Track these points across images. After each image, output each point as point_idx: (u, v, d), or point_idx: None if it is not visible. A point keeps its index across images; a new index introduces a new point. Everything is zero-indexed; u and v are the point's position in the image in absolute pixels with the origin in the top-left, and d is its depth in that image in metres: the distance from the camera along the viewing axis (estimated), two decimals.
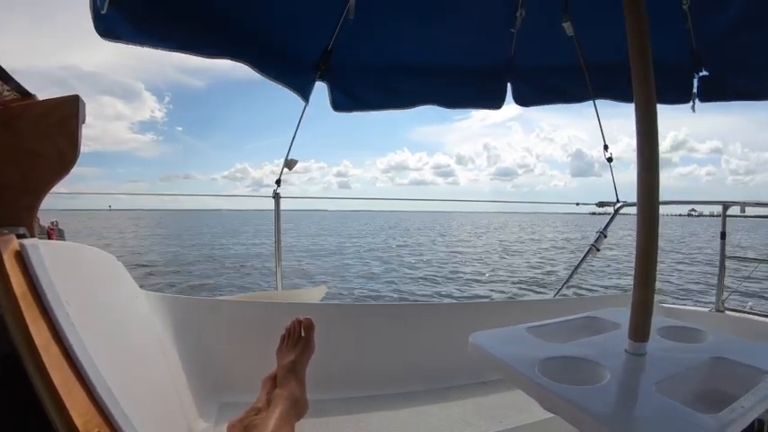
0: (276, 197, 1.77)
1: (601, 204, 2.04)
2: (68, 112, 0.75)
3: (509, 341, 0.83)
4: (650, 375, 0.67)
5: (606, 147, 1.92)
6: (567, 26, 1.54)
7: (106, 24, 1.05)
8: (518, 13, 1.56)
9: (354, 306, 2.06)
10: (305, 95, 1.63)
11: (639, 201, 0.73)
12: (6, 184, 0.74)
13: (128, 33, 1.10)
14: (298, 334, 1.11)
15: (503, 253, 18.19)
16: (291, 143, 1.79)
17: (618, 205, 1.96)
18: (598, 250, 1.95)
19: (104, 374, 0.61)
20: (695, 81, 1.73)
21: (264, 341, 1.12)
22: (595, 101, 1.80)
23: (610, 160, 1.95)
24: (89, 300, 0.79)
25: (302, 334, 1.11)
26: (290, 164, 1.79)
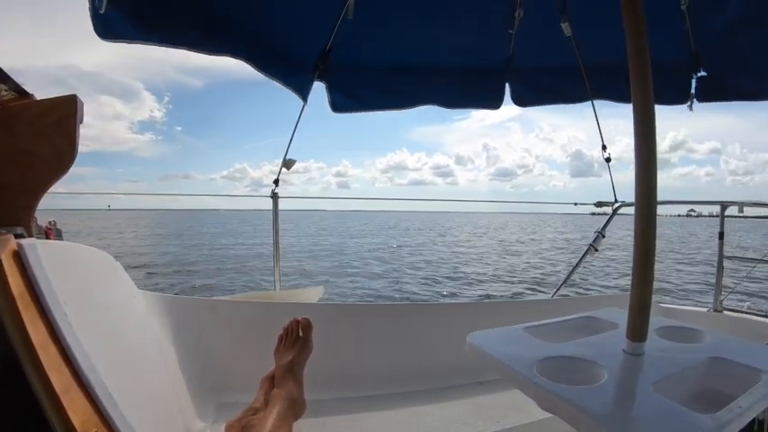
0: (274, 197, 1.77)
1: (599, 204, 2.04)
2: (66, 112, 0.75)
3: (507, 341, 0.83)
4: (648, 375, 0.67)
5: (604, 147, 1.92)
6: (565, 26, 1.54)
7: (105, 24, 1.05)
8: (516, 14, 1.55)
9: (352, 306, 2.05)
10: (303, 95, 1.63)
11: (637, 201, 0.73)
12: (4, 184, 0.74)
13: (127, 32, 1.10)
14: (295, 334, 1.11)
15: (503, 253, 18.21)
16: (290, 143, 1.79)
17: (616, 205, 1.96)
18: (596, 250, 1.95)
19: (102, 374, 0.61)
20: (693, 81, 1.73)
21: (262, 341, 1.12)
22: (594, 101, 1.80)
23: (608, 160, 1.95)
24: (87, 299, 0.79)
25: (300, 334, 1.11)
26: (289, 164, 1.79)
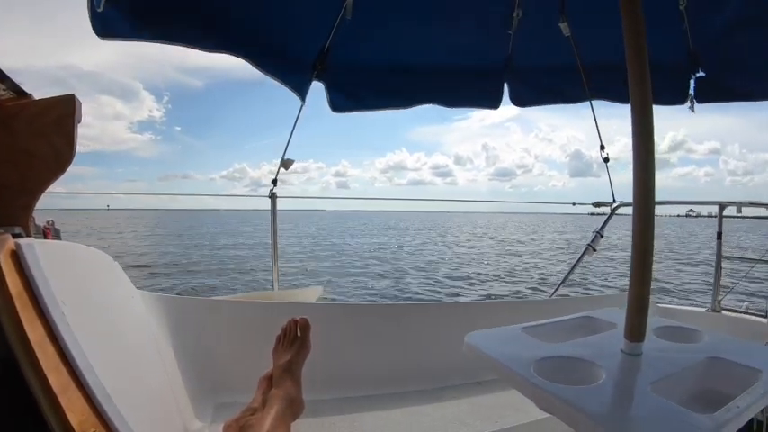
0: (273, 197, 1.77)
1: (597, 204, 2.04)
2: (64, 112, 0.75)
3: (504, 341, 0.83)
4: (646, 375, 0.67)
5: (603, 147, 1.92)
6: (564, 27, 1.54)
7: (103, 22, 1.05)
8: (515, 14, 1.56)
9: (350, 306, 2.05)
10: (301, 94, 1.63)
11: (636, 200, 0.73)
12: (2, 184, 0.74)
13: (125, 30, 1.11)
14: (294, 334, 1.11)
15: (503, 253, 18.22)
16: (288, 143, 1.79)
17: (614, 205, 1.96)
18: (594, 250, 1.95)
19: (100, 374, 0.61)
20: (692, 82, 1.73)
21: (260, 341, 1.12)
22: (592, 101, 1.80)
23: (606, 161, 1.95)
24: (85, 299, 0.79)
25: (298, 334, 1.11)
26: (287, 164, 1.79)
